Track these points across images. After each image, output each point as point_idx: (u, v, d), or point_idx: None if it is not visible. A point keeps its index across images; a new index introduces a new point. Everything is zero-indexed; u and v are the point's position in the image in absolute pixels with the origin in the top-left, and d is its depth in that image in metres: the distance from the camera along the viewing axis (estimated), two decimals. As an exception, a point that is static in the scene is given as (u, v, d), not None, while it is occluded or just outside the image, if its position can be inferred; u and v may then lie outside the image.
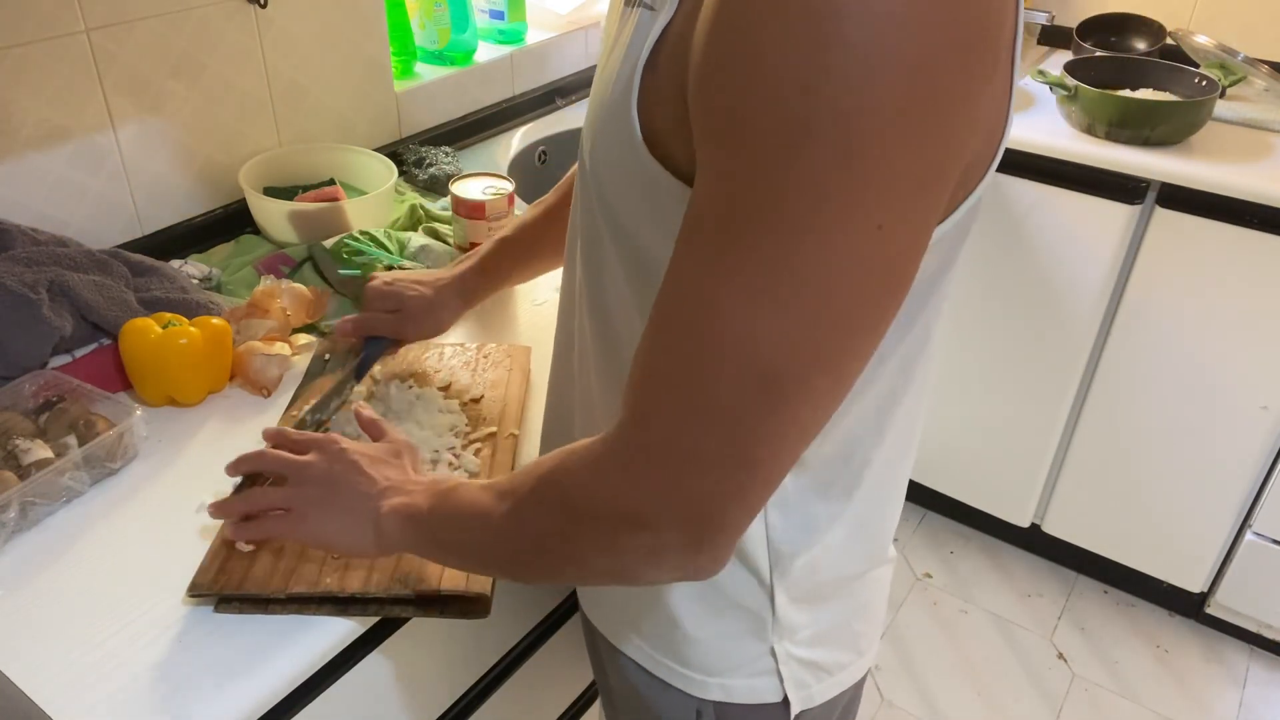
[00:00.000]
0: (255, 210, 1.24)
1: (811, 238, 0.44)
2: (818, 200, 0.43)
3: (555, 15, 1.86)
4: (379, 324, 0.95)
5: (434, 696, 0.92)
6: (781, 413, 0.48)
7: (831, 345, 0.47)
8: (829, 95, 0.42)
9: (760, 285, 0.46)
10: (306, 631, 0.73)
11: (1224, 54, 1.86)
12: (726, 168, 0.46)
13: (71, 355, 0.97)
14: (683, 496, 0.51)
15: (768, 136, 0.43)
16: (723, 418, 0.49)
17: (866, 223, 0.44)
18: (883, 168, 0.43)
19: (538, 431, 0.94)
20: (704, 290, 0.47)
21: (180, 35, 1.16)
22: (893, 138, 0.43)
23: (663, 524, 0.52)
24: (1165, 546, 1.91)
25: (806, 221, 0.44)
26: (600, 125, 0.58)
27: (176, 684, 0.68)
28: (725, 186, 0.46)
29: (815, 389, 0.48)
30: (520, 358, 1.02)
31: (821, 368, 0.48)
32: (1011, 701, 1.85)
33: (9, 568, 0.77)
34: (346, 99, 1.41)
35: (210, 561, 0.76)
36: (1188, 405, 1.76)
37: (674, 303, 0.49)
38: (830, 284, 0.45)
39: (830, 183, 0.43)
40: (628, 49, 0.55)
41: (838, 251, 0.45)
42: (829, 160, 0.43)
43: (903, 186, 0.44)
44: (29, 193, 1.08)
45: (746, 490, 0.51)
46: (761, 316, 0.46)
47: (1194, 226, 1.64)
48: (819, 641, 0.72)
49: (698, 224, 0.48)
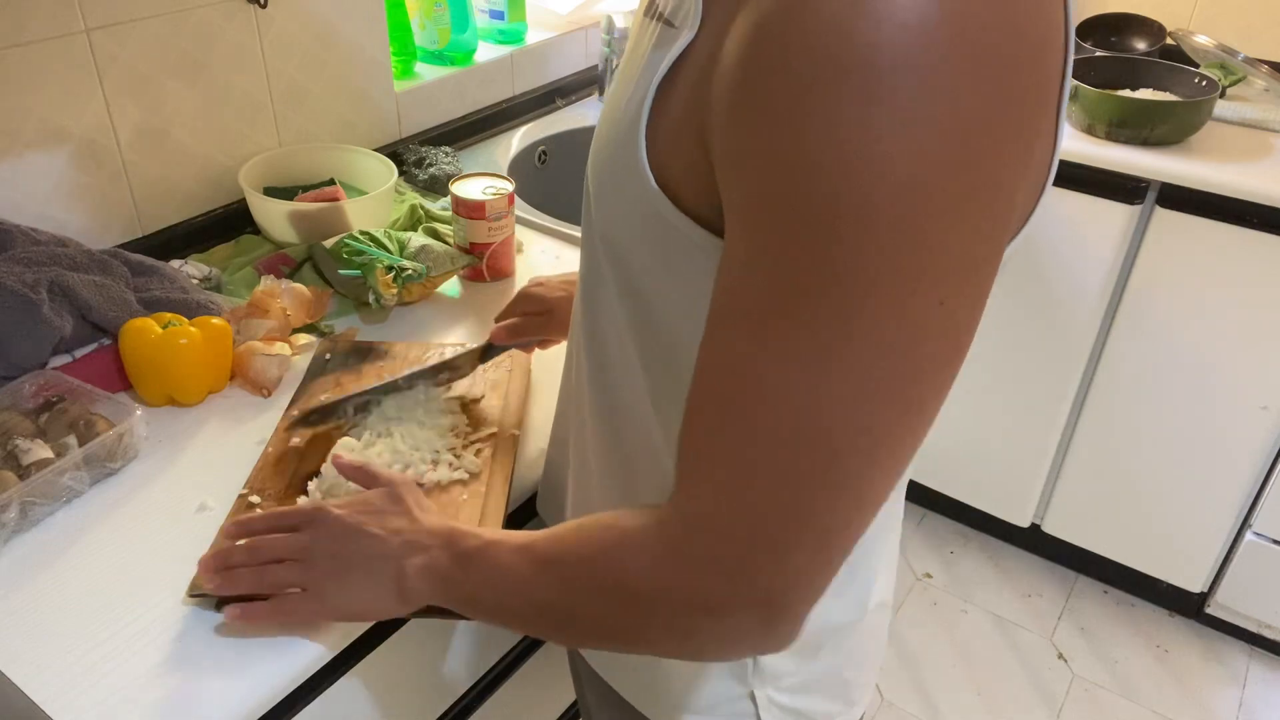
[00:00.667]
0: (255, 210, 1.24)
1: (872, 315, 0.42)
2: (875, 277, 0.42)
3: (555, 15, 1.86)
4: (528, 327, 0.93)
5: (433, 697, 0.92)
6: (847, 489, 0.47)
7: (894, 420, 0.46)
8: (883, 170, 0.40)
9: (818, 365, 0.44)
10: (306, 632, 0.73)
11: (1224, 54, 1.86)
12: (771, 242, 0.43)
13: (71, 355, 0.97)
14: (753, 581, 0.49)
15: (818, 213, 0.41)
16: (786, 503, 0.47)
17: (929, 298, 0.43)
18: (943, 241, 0.42)
19: (538, 431, 0.94)
20: (755, 369, 0.45)
21: (180, 35, 1.16)
22: (951, 209, 0.41)
23: (734, 609, 0.50)
24: (1165, 546, 1.91)
25: (865, 299, 0.42)
26: (605, 149, 0.56)
27: (176, 684, 0.68)
28: (772, 261, 0.44)
29: (880, 463, 0.47)
30: (521, 358, 1.02)
31: (885, 442, 0.46)
32: (1011, 701, 1.85)
33: (9, 568, 0.77)
34: (346, 99, 1.41)
35: None
36: (1188, 405, 1.76)
37: (723, 381, 0.47)
38: (892, 360, 0.44)
39: (889, 259, 0.41)
40: (643, 68, 0.52)
41: (900, 327, 0.43)
42: (888, 237, 0.41)
43: (963, 256, 0.43)
44: (29, 193, 1.08)
45: (819, 566, 0.49)
46: (821, 395, 0.44)
47: (1194, 226, 1.64)
48: (806, 689, 0.70)
49: (741, 296, 0.46)
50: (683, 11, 0.50)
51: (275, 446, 0.89)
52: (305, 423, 0.89)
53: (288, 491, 0.83)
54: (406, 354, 1.03)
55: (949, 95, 0.39)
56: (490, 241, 1.18)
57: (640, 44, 0.54)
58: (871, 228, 0.41)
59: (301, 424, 0.89)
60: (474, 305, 1.16)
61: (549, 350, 1.05)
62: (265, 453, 0.88)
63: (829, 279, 0.42)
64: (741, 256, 0.46)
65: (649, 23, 0.54)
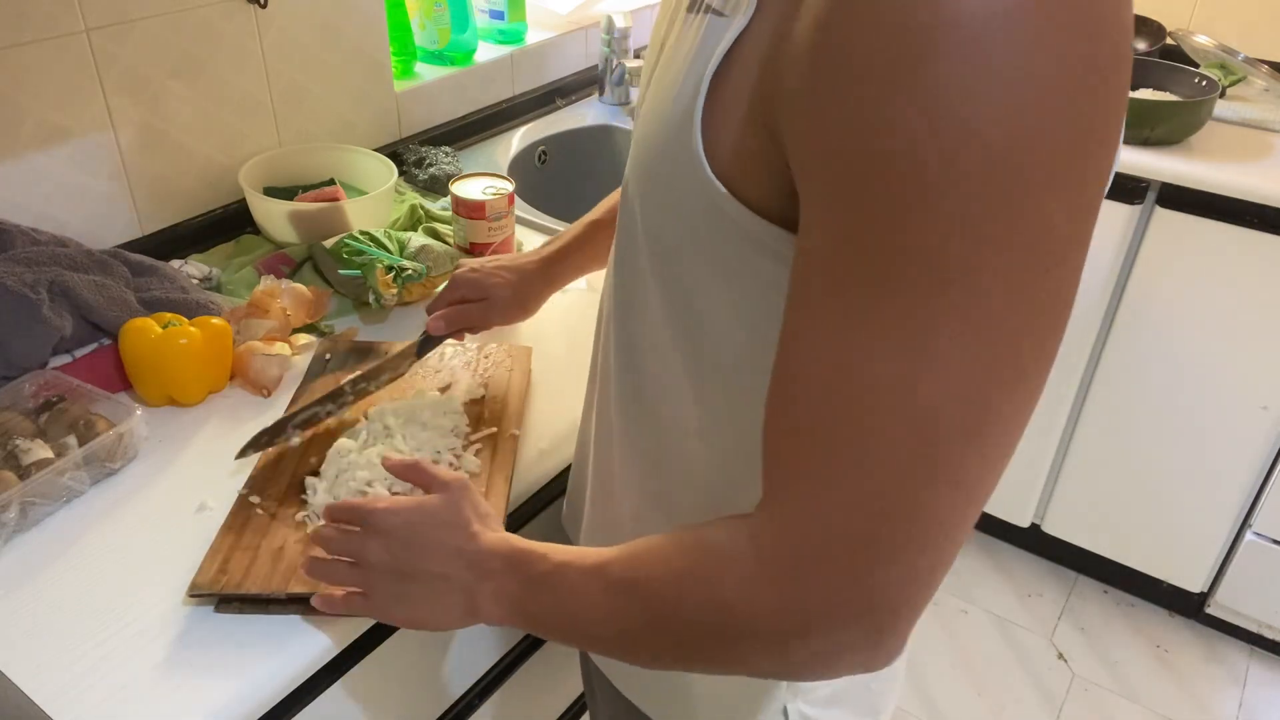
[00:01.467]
0: (255, 210, 1.24)
1: (978, 289, 0.40)
2: (980, 250, 0.39)
3: (555, 15, 1.86)
4: (468, 314, 0.92)
5: (433, 697, 0.92)
6: (960, 480, 0.44)
7: (1004, 401, 0.43)
8: (988, 138, 0.38)
9: (922, 348, 0.41)
10: (306, 632, 0.73)
11: (1224, 54, 1.86)
12: (863, 222, 0.41)
13: (71, 355, 0.97)
14: (859, 592, 0.46)
15: (917, 186, 0.39)
16: (896, 498, 0.44)
17: (1035, 267, 0.40)
18: (1049, 207, 0.40)
19: (538, 432, 0.94)
20: (852, 358, 0.42)
21: (180, 35, 1.16)
22: (1056, 175, 0.39)
23: (838, 624, 0.47)
24: (1165, 546, 1.91)
25: (970, 273, 0.40)
26: (654, 144, 0.53)
27: (176, 684, 0.68)
28: (865, 242, 0.41)
29: (991, 448, 0.44)
30: (521, 358, 1.02)
31: (996, 425, 0.43)
32: (1011, 701, 1.85)
33: (9, 568, 0.77)
34: (346, 99, 1.41)
35: (210, 561, 0.76)
36: (1188, 405, 1.76)
37: (815, 375, 0.44)
38: (1001, 337, 0.41)
39: (996, 231, 0.39)
40: (692, 59, 0.50)
41: (1009, 300, 0.40)
42: (994, 208, 0.39)
43: (1067, 222, 0.41)
44: (29, 193, 1.08)
45: (929, 571, 0.46)
46: (927, 380, 0.41)
47: (1194, 226, 1.64)
48: (834, 702, 0.68)
49: (829, 283, 0.43)
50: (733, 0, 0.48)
51: (274, 447, 0.89)
52: (254, 446, 0.87)
53: (288, 491, 0.83)
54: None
55: (1055, 58, 0.38)
56: (490, 241, 1.18)
57: (685, 39, 0.53)
58: (976, 199, 0.39)
59: (251, 448, 0.87)
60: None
61: (549, 351, 1.05)
62: (266, 452, 0.88)
63: (930, 255, 0.40)
64: (826, 241, 0.43)
65: (692, 17, 0.52)
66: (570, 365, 1.03)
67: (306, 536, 0.78)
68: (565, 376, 1.01)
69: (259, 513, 0.81)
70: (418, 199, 1.34)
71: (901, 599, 0.46)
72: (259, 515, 0.81)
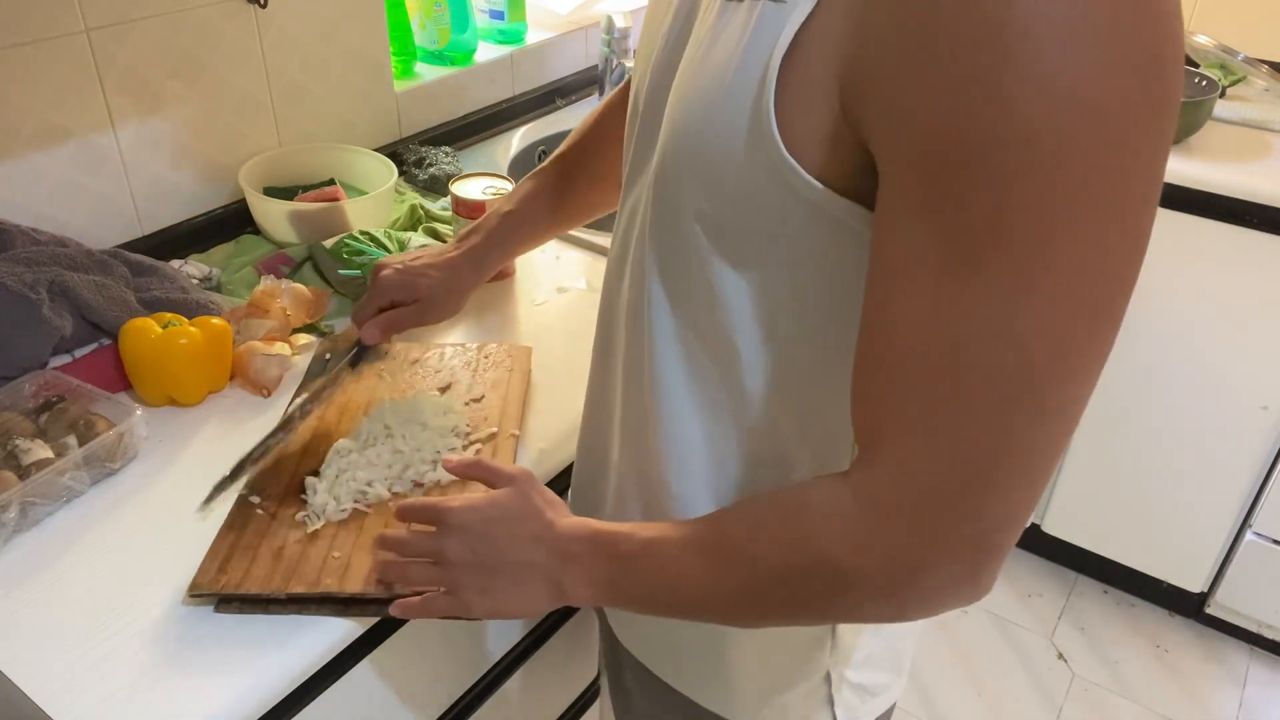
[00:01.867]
0: (255, 210, 1.24)
1: (1070, 240, 0.43)
2: (1073, 203, 0.42)
3: (555, 15, 1.86)
4: (400, 319, 0.89)
5: (433, 697, 0.92)
6: (1056, 417, 0.47)
7: (1092, 339, 0.46)
8: (1080, 96, 0.41)
9: (1018, 297, 0.44)
10: (306, 631, 0.73)
11: (1224, 54, 1.86)
12: (956, 184, 0.44)
13: (71, 355, 0.97)
14: (967, 530, 0.49)
15: (1012, 146, 0.42)
16: (1001, 438, 0.47)
17: (1122, 216, 0.44)
18: (1134, 159, 0.43)
19: (538, 432, 0.94)
20: (951, 312, 0.46)
21: (180, 35, 1.16)
22: (1138, 127, 0.42)
23: (946, 563, 0.50)
24: (1165, 546, 1.91)
25: (1062, 227, 0.43)
26: (701, 131, 0.55)
27: (176, 684, 0.68)
28: (958, 202, 0.44)
29: (1082, 383, 0.47)
30: (521, 357, 1.02)
31: (1086, 362, 0.47)
32: (1011, 701, 1.85)
33: (9, 568, 0.77)
34: (346, 99, 1.41)
35: (210, 561, 0.76)
36: (1188, 405, 1.76)
37: (912, 330, 0.47)
38: (1092, 281, 0.44)
39: (1088, 184, 0.42)
40: (748, 46, 0.51)
41: (1099, 248, 0.44)
42: (1085, 162, 0.42)
43: (1147, 170, 0.44)
44: (29, 193, 1.08)
45: (1030, 502, 0.49)
46: (1023, 327, 0.45)
47: (1194, 226, 1.63)
48: (869, 663, 0.71)
49: (921, 245, 0.46)
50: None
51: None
52: (217, 492, 0.82)
53: (288, 491, 0.83)
54: (406, 354, 1.03)
55: (1138, 20, 0.41)
56: (490, 241, 1.18)
57: (730, 26, 0.53)
58: (1079, 160, 0.42)
59: (214, 496, 0.82)
60: (473, 305, 1.16)
61: (549, 351, 1.05)
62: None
63: (1035, 215, 0.43)
64: (914, 206, 0.46)
65: (734, 4, 0.54)
66: (570, 365, 1.03)
67: (306, 536, 0.78)
68: (565, 376, 1.01)
69: (259, 513, 0.81)
70: (418, 199, 1.34)
71: (1006, 532, 0.50)
72: (259, 515, 0.81)
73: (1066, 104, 0.41)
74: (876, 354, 0.50)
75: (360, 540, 0.78)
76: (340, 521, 0.80)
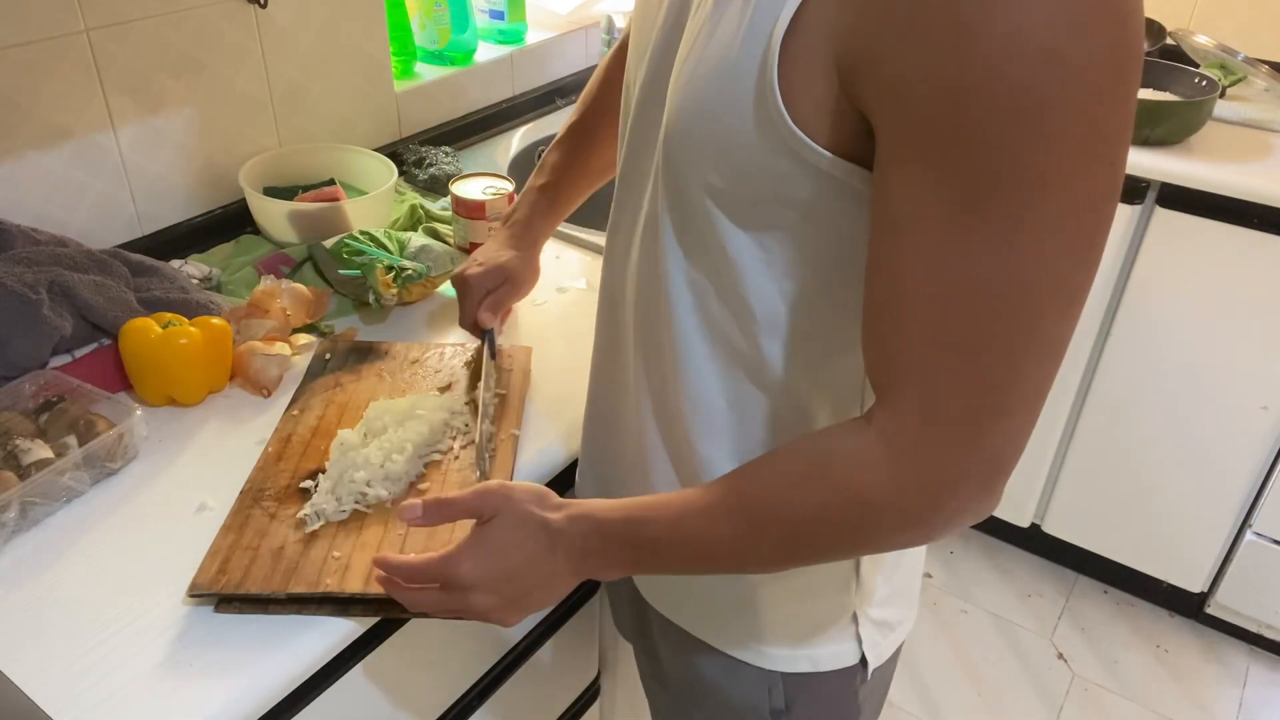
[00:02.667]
0: (255, 210, 1.24)
1: (1061, 186, 0.48)
2: (1063, 152, 0.47)
3: (555, 15, 1.86)
4: (501, 299, 0.98)
5: (433, 697, 0.92)
6: (1052, 344, 0.52)
7: (1080, 271, 0.51)
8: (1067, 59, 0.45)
9: (1016, 241, 0.49)
10: (306, 631, 0.73)
11: (1224, 54, 1.86)
12: (956, 142, 0.48)
13: (71, 355, 0.97)
14: (979, 453, 0.54)
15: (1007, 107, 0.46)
16: (1004, 370, 0.52)
17: (1104, 161, 0.49)
18: (1112, 112, 0.48)
19: (538, 431, 0.94)
20: (956, 259, 0.50)
21: (180, 35, 1.16)
22: (1113, 87, 0.47)
23: (965, 486, 0.55)
24: (1165, 546, 1.91)
25: (1053, 176, 0.47)
26: (706, 109, 0.58)
27: (176, 684, 0.68)
28: (958, 158, 0.48)
29: (1072, 313, 0.52)
30: (521, 358, 1.02)
31: (1076, 294, 0.52)
32: (1011, 701, 1.85)
33: (9, 568, 0.77)
34: (346, 99, 1.41)
35: (210, 561, 0.76)
36: (1188, 405, 1.76)
37: (922, 284, 0.51)
38: (1079, 220, 0.49)
39: (1076, 135, 0.47)
40: (748, 29, 0.55)
41: (1086, 191, 0.48)
42: (1071, 117, 0.46)
43: (1122, 123, 0.49)
44: (29, 193, 1.08)
45: (1029, 424, 0.55)
46: (1026, 268, 0.49)
47: (1194, 226, 1.63)
48: (889, 601, 0.76)
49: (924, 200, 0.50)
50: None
51: (275, 446, 0.89)
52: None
53: (288, 490, 0.83)
54: (406, 354, 1.03)
55: None
56: (490, 241, 1.18)
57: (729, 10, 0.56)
58: (1063, 112, 0.46)
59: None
60: (474, 305, 1.16)
61: (549, 351, 1.05)
62: (265, 452, 0.88)
63: (1025, 163, 0.47)
64: (913, 164, 0.50)
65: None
66: (571, 365, 1.03)
67: (306, 536, 0.78)
68: (566, 376, 1.01)
69: (259, 512, 0.81)
70: (418, 199, 1.34)
71: (1010, 452, 0.55)
72: (259, 515, 0.81)
73: (1045, 61, 0.45)
74: (885, 302, 0.54)
75: (360, 540, 0.78)
76: (340, 522, 0.80)
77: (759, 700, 0.77)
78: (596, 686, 1.18)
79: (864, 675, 0.77)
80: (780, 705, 0.77)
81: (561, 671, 1.10)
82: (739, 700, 0.78)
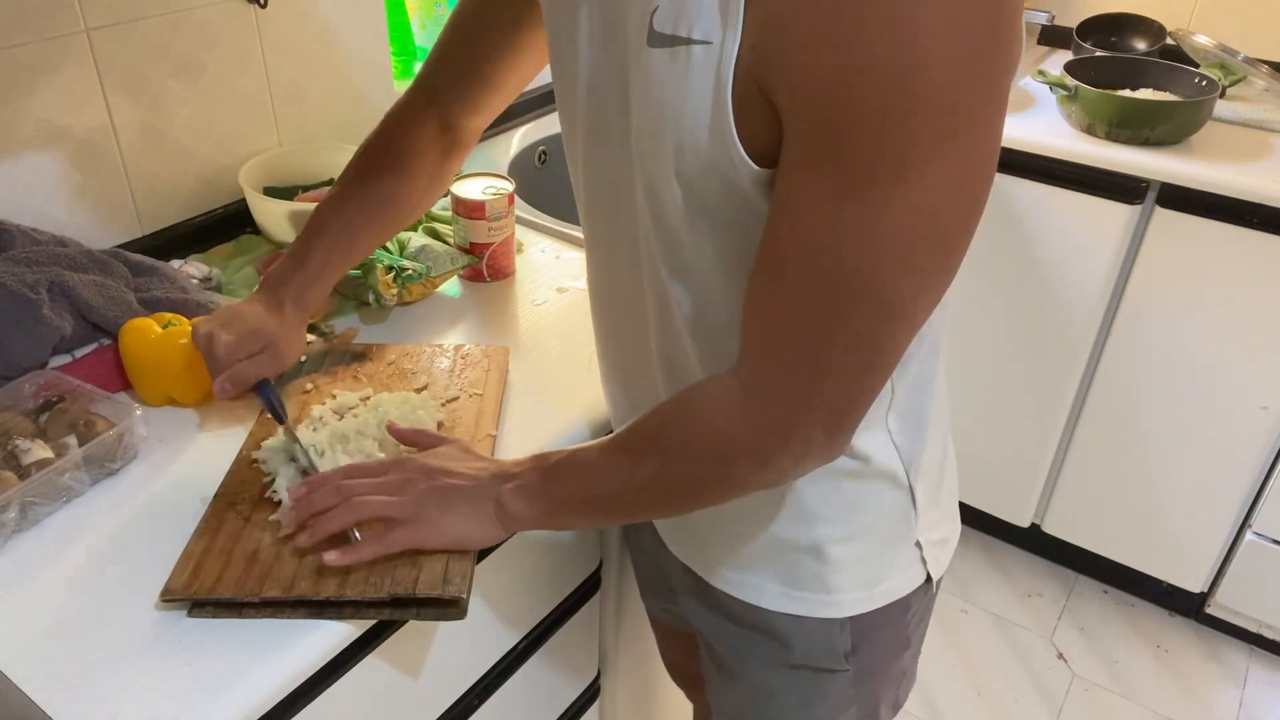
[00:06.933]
0: (255, 210, 1.24)
1: (924, 170, 0.52)
2: (935, 138, 0.51)
3: (555, 15, 1.85)
4: (258, 368, 0.86)
5: (432, 699, 0.92)
6: (895, 317, 0.58)
7: (936, 257, 0.57)
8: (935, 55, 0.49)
9: (878, 220, 0.53)
10: (307, 632, 0.73)
11: (1224, 54, 1.86)
12: (839, 130, 0.52)
13: (71, 355, 0.97)
14: (825, 405, 0.61)
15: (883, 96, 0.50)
16: (849, 332, 0.58)
17: (968, 152, 0.53)
18: (982, 100, 0.52)
19: (515, 432, 0.94)
20: (826, 227, 0.55)
21: (180, 35, 1.16)
22: (983, 80, 0.52)
23: (808, 431, 0.62)
24: (1165, 546, 1.91)
25: (924, 159, 0.52)
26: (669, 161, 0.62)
27: (177, 684, 0.68)
28: (837, 142, 0.53)
29: (928, 291, 0.58)
30: (498, 358, 1.02)
31: (928, 277, 0.57)
32: (1011, 701, 1.85)
33: (9, 568, 0.77)
34: (346, 99, 1.41)
35: (182, 566, 0.75)
36: (1188, 405, 1.76)
37: (792, 252, 0.57)
38: (937, 207, 0.54)
39: (939, 124, 0.51)
40: (691, 86, 0.58)
41: (946, 178, 0.53)
42: (940, 106, 0.51)
43: (993, 113, 0.53)
44: (29, 193, 1.08)
45: (874, 386, 0.61)
46: (881, 242, 0.54)
47: (1194, 226, 1.64)
48: (939, 523, 0.82)
49: (806, 181, 0.55)
50: (706, 24, 0.56)
51: (248, 449, 0.88)
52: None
53: (262, 494, 0.83)
54: (383, 355, 1.02)
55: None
56: (490, 241, 1.18)
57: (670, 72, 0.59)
58: (920, 99, 0.50)
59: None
60: (474, 305, 1.16)
61: (546, 351, 1.05)
62: (239, 455, 0.88)
63: (886, 145, 0.52)
64: (802, 146, 0.55)
65: (660, 52, 0.59)
66: (568, 364, 1.03)
67: (280, 539, 0.78)
68: (555, 375, 1.01)
69: (233, 516, 0.80)
70: (418, 199, 1.34)
71: (849, 404, 0.62)
72: (233, 519, 0.80)
73: (917, 56, 0.49)
74: (761, 267, 0.60)
75: (334, 543, 0.77)
76: None
77: (831, 647, 0.81)
78: (596, 686, 1.18)
79: (928, 589, 0.82)
80: (848, 646, 0.81)
81: (561, 671, 1.10)
82: (814, 653, 0.81)
